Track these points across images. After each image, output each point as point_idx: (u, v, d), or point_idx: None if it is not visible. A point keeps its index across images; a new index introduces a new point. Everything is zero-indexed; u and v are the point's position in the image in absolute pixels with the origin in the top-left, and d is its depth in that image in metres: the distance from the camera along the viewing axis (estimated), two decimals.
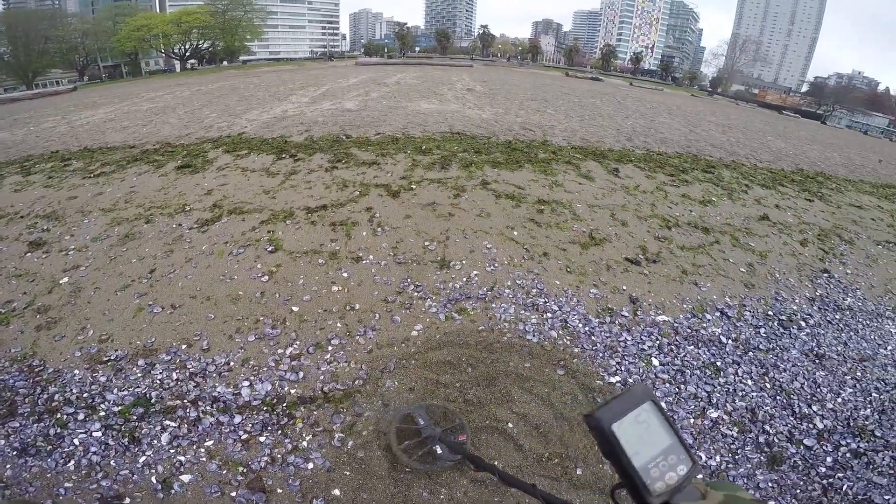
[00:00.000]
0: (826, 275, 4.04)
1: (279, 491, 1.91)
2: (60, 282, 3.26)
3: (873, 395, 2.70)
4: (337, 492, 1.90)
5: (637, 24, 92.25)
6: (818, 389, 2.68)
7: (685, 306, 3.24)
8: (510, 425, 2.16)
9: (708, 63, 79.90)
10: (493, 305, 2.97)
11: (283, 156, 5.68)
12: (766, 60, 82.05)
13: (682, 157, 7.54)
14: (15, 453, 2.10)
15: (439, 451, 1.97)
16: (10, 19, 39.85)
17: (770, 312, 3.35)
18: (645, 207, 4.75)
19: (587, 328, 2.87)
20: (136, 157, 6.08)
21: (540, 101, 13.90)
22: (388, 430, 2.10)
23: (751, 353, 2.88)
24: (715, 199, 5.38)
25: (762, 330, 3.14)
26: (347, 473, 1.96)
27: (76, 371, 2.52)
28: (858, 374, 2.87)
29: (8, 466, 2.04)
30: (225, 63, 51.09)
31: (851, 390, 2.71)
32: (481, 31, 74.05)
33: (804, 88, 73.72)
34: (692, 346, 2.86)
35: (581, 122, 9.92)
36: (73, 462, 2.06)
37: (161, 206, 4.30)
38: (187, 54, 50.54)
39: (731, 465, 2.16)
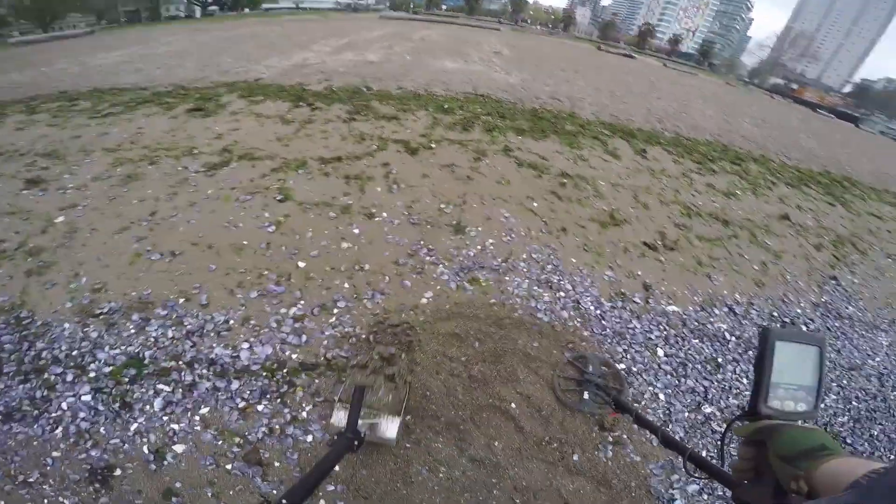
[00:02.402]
0: (834, 281, 3.90)
1: (276, 464, 1.82)
2: (56, 221, 3.08)
3: (853, 403, 2.67)
4: (337, 468, 1.81)
5: (683, 6, 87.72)
6: None
7: (696, 298, 3.12)
8: (513, 405, 2.08)
9: (751, 53, 75.95)
10: (507, 278, 2.84)
11: (300, 104, 5.46)
12: (814, 57, 77.97)
13: (711, 146, 7.19)
14: (0, 418, 1.98)
15: (586, 396, 2.13)
16: None
17: (775, 313, 3.23)
18: (668, 192, 4.54)
19: (599, 311, 2.76)
20: (147, 99, 5.86)
21: (570, 71, 13.25)
22: (559, 361, 2.28)
23: (751, 352, 2.79)
24: (739, 193, 5.15)
25: None
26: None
27: (66, 325, 2.35)
28: (844, 381, 2.82)
29: None
30: (247, 10, 49.47)
31: (835, 397, 2.67)
32: None
33: (847, 89, 70.16)
34: (697, 340, 2.76)
35: (611, 98, 9.45)
36: (60, 429, 1.93)
37: (168, 148, 4.14)
38: (208, 0, 48.94)
39: (717, 460, 2.12)
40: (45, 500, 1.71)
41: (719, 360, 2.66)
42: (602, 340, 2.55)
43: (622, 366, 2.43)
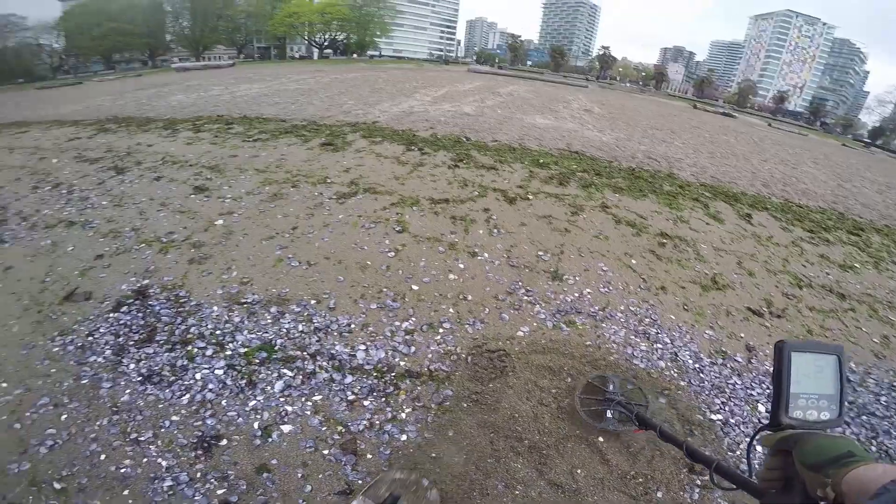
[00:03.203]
0: None
1: (369, 456, 1.95)
2: (216, 223, 3.81)
3: None
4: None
5: (787, 60, 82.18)
6: None
7: None
8: (601, 439, 2.14)
9: (870, 110, 68.36)
10: (603, 325, 2.96)
11: (412, 148, 6.14)
12: None
13: (825, 213, 6.66)
14: (140, 378, 2.27)
15: (609, 415, 2.15)
16: None
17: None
18: (776, 261, 4.33)
19: (697, 365, 2.76)
20: (287, 130, 6.97)
21: (666, 131, 13.11)
22: (579, 381, 2.37)
23: (864, 417, 2.63)
24: (858, 266, 4.71)
25: (882, 398, 2.82)
26: (433, 455, 2.00)
27: (215, 308, 2.76)
28: None
29: (128, 392, 2.20)
30: (355, 56, 55.89)
31: None
32: (601, 52, 71.67)
33: None
34: None
35: (711, 160, 9.20)
36: (188, 396, 2.17)
37: (306, 175, 4.90)
38: (325, 44, 56.27)
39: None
40: (145, 459, 1.90)
41: None
42: (699, 391, 2.55)
43: (719, 416, 2.41)
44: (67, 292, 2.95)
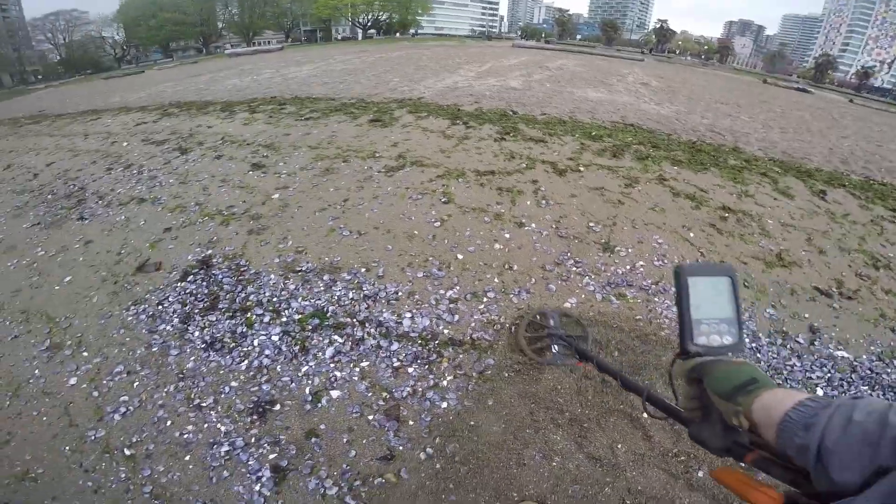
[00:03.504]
0: None
1: (410, 423, 1.99)
2: (272, 196, 3.97)
3: None
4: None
5: (873, 34, 73.33)
6: None
7: (873, 349, 2.72)
8: (644, 415, 2.07)
9: None
10: (656, 299, 2.85)
11: (457, 122, 6.09)
12: None
13: None
14: (203, 346, 2.35)
15: (555, 349, 2.21)
16: None
17: None
18: (851, 239, 3.95)
19: (754, 344, 2.61)
20: (337, 108, 7.13)
21: (732, 105, 12.12)
22: (520, 320, 2.36)
23: None
24: None
25: None
26: (472, 423, 2.02)
27: (272, 276, 2.86)
28: None
29: (192, 359, 2.29)
30: (398, 35, 55.70)
31: None
32: (658, 26, 66.83)
33: None
34: (866, 387, 2.45)
35: (783, 135, 8.42)
36: (246, 362, 2.24)
37: (356, 150, 5.01)
38: (369, 24, 56.44)
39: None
40: (206, 424, 1.98)
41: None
42: None
43: None
44: (140, 263, 3.21)
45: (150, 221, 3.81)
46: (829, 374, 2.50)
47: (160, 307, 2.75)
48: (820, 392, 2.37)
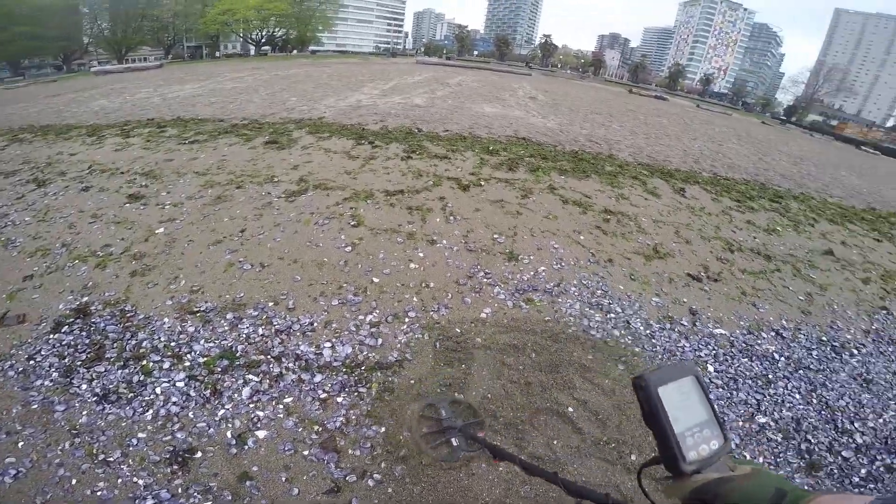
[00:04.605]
0: (884, 311, 3.92)
1: (351, 452, 1.94)
2: (156, 231, 3.58)
3: None
4: (404, 451, 1.96)
5: (712, 44, 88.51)
6: (862, 409, 2.70)
7: (742, 323, 3.28)
8: (570, 409, 2.24)
9: (785, 90, 75.10)
10: (559, 300, 3.12)
11: (363, 142, 6.07)
12: (851, 91, 76.13)
13: (749, 185, 7.35)
14: (95, 399, 2.14)
15: (455, 442, 2.04)
16: None
17: (824, 338, 3.33)
18: (709, 229, 4.74)
19: (648, 332, 2.98)
20: (227, 130, 6.64)
21: (605, 115, 13.78)
22: (410, 418, 2.14)
23: (801, 372, 2.93)
24: (780, 230, 5.26)
25: (814, 352, 3.16)
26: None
27: (166, 319, 2.63)
28: None
29: (84, 413, 2.08)
30: (295, 52, 53.70)
31: (894, 413, 2.72)
32: (543, 41, 73.47)
33: (890, 123, 67.80)
34: (746, 359, 2.92)
35: (647, 140, 9.80)
36: (151, 412, 2.07)
37: (251, 175, 4.71)
38: (263, 40, 53.61)
39: (772, 466, 2.22)
40: (120, 480, 1.81)
41: (769, 376, 2.80)
42: (653, 356, 2.76)
43: None
44: None
45: (3, 269, 3.17)
46: (714, 351, 2.93)
47: (31, 362, 2.35)
48: (711, 369, 2.75)
